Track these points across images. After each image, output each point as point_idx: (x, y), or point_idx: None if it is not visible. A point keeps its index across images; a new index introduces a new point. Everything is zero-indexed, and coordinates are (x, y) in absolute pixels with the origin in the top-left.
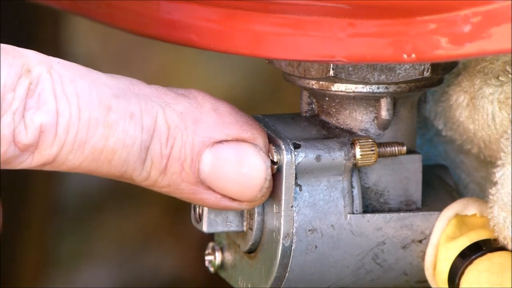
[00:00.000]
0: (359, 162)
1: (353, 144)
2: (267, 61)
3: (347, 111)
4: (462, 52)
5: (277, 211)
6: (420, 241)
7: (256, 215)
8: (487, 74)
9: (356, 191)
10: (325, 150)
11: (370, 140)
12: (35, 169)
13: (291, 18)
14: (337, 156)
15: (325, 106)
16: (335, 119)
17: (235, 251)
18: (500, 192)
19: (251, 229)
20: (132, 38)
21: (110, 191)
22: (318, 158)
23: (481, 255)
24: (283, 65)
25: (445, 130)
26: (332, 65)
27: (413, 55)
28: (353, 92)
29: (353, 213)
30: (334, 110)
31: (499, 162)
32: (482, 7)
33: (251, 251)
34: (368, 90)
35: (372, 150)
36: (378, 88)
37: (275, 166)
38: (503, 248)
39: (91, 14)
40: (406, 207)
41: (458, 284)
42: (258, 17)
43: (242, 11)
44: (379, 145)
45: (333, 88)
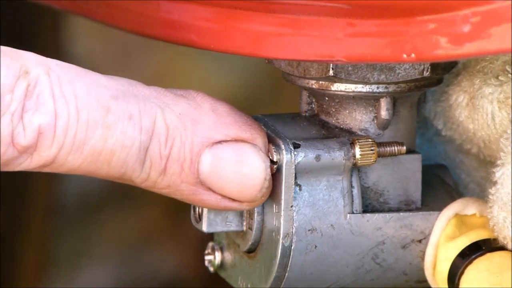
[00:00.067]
0: (359, 161)
1: (352, 144)
2: (266, 61)
3: (347, 111)
4: (461, 52)
5: (276, 210)
6: (420, 241)
7: (255, 214)
8: (487, 73)
9: (356, 191)
10: (324, 150)
11: (370, 140)
12: (35, 170)
13: (291, 18)
14: (337, 155)
15: (324, 106)
16: (334, 118)
17: (235, 251)
18: (499, 192)
19: (250, 228)
20: (132, 38)
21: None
22: (317, 157)
23: (480, 255)
24: (282, 65)
25: (444, 130)
26: (331, 65)
27: (413, 55)
28: (353, 91)
29: (352, 212)
30: (333, 110)
31: (498, 162)
32: (482, 7)
33: (251, 251)
34: (368, 89)
35: (371, 150)
36: (377, 87)
37: (274, 166)
38: (502, 248)
39: (91, 14)
40: (406, 207)
41: (458, 284)
42: (258, 17)
43: (242, 11)
44: (379, 144)
45: (332, 88)
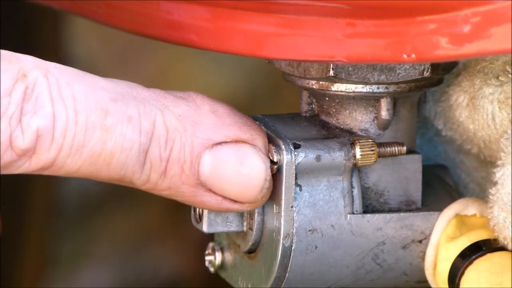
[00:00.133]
0: (359, 162)
1: (353, 144)
2: (267, 61)
3: (347, 111)
4: (462, 52)
5: (277, 211)
6: (420, 241)
7: (256, 215)
8: (487, 74)
9: (356, 191)
10: (325, 150)
11: (370, 140)
12: (34, 173)
13: (291, 18)
14: (337, 156)
15: (325, 106)
16: (335, 119)
17: (235, 251)
18: (500, 192)
19: (251, 229)
20: (132, 38)
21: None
22: (318, 158)
23: (481, 255)
24: (283, 65)
25: (445, 130)
26: (332, 65)
27: (413, 55)
28: (353, 92)
29: (353, 213)
30: (334, 110)
31: (499, 162)
32: (482, 7)
33: (251, 251)
34: (368, 90)
35: (372, 150)
36: (378, 88)
37: (275, 166)
38: (503, 248)
39: (91, 14)
40: (406, 207)
41: (458, 284)
42: (258, 17)
43: (242, 11)
44: (379, 145)
45: (333, 88)
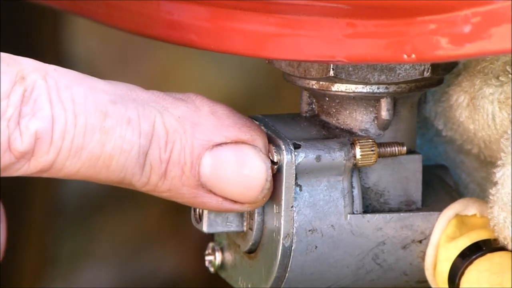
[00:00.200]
0: (359, 162)
1: (353, 144)
2: (267, 61)
3: (347, 111)
4: (462, 52)
5: (277, 211)
6: (420, 241)
7: (256, 215)
8: (487, 74)
9: (356, 191)
10: (325, 150)
11: (370, 140)
12: (33, 176)
13: (291, 18)
14: (337, 156)
15: (325, 106)
16: (335, 119)
17: (235, 251)
18: (500, 192)
19: (251, 229)
20: (132, 38)
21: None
22: (318, 158)
23: (481, 255)
24: (283, 65)
25: (445, 130)
26: (332, 65)
27: (413, 55)
28: (353, 92)
29: (353, 213)
30: (334, 110)
31: (499, 162)
32: (482, 8)
33: (251, 251)
34: (368, 90)
35: (372, 150)
36: (378, 88)
37: (275, 166)
38: (503, 248)
39: (91, 14)
40: (406, 207)
41: (458, 284)
42: (258, 17)
43: (242, 11)
44: (379, 145)
45: (333, 88)
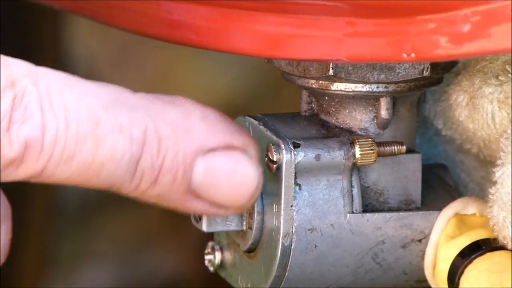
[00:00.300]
0: (359, 161)
1: (352, 144)
2: (266, 61)
3: (347, 110)
4: (461, 51)
5: (276, 210)
6: (420, 241)
7: (255, 214)
8: (487, 73)
9: (356, 191)
10: (324, 150)
11: (370, 140)
12: (23, 181)
13: (290, 17)
14: (337, 155)
15: (324, 106)
16: (334, 118)
17: (235, 251)
18: (499, 192)
19: (250, 228)
20: (132, 38)
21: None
22: (317, 157)
23: (480, 255)
24: (282, 65)
25: (444, 130)
26: (331, 64)
27: (413, 54)
28: (353, 91)
29: (352, 212)
30: (333, 110)
31: (498, 162)
32: (482, 7)
33: (251, 250)
34: (368, 89)
35: (371, 150)
36: (377, 87)
37: (274, 166)
38: (502, 248)
39: (92, 14)
40: (406, 206)
41: (458, 284)
42: (258, 16)
43: (241, 11)
44: (379, 144)
45: (332, 88)
